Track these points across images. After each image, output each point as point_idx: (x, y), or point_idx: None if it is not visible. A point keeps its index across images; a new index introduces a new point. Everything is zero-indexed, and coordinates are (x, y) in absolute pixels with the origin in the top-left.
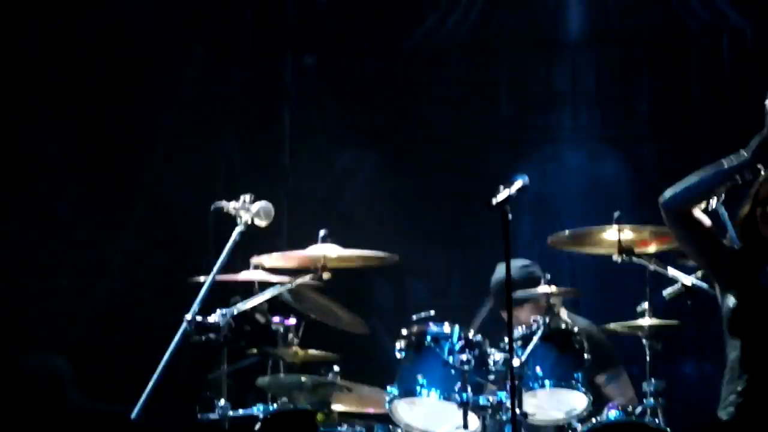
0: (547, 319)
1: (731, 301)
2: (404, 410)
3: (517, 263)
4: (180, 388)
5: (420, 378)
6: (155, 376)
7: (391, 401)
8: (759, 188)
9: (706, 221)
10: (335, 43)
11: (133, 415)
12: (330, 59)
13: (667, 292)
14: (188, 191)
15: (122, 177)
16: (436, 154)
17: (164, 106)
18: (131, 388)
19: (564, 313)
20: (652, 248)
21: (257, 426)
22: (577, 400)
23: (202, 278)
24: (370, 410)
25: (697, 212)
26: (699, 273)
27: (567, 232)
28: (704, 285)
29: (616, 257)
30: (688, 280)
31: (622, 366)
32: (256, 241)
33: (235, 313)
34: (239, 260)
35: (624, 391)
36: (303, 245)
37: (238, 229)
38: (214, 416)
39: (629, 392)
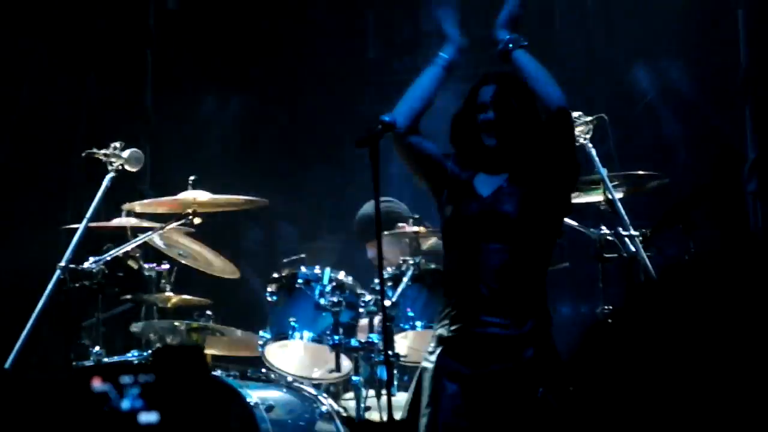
0: (417, 260)
1: (448, 210)
2: (277, 353)
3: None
4: (54, 336)
5: (292, 321)
6: (29, 324)
7: (263, 345)
8: (472, 93)
9: (426, 143)
10: None
11: (7, 364)
12: (193, 2)
13: None
14: (50, 135)
15: None
16: (303, 97)
17: (27, 48)
18: (4, 337)
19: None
20: None
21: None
22: None
23: (74, 225)
24: (244, 354)
25: (416, 137)
26: None
27: None
28: (574, 223)
29: None
30: None
31: None
32: (119, 186)
33: (108, 259)
34: (109, 207)
35: None
36: (166, 190)
37: (109, 176)
38: (89, 363)
39: None
